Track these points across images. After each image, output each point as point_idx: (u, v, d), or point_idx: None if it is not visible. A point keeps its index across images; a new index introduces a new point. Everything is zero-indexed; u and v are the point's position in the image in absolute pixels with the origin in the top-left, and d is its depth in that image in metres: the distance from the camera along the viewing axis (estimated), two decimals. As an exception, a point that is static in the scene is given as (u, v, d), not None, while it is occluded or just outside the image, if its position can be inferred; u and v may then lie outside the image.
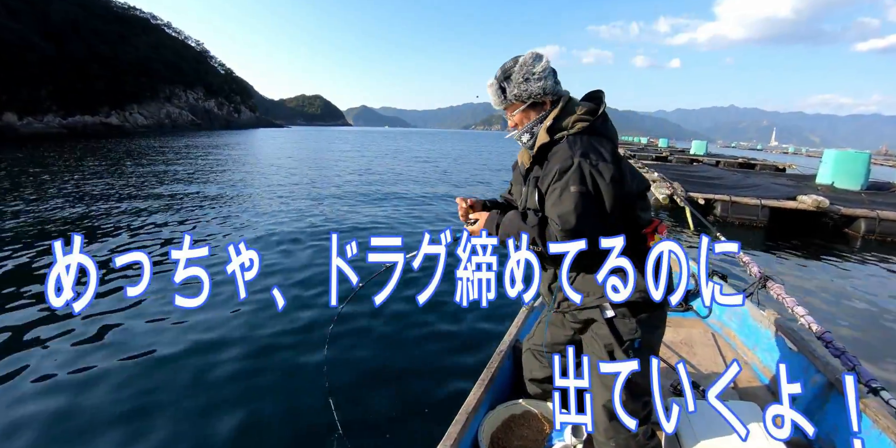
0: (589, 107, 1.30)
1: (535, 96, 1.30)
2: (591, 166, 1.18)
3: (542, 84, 1.28)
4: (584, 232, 1.16)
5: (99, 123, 54.00)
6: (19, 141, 28.65)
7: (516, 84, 1.30)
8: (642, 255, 1.27)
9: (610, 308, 1.30)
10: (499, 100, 1.36)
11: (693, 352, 2.39)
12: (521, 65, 1.29)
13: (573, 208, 1.16)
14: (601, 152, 1.21)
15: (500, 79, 1.33)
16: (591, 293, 1.31)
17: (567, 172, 1.19)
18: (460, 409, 1.54)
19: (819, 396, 1.76)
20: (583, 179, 1.17)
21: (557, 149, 1.26)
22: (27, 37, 47.15)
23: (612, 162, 1.21)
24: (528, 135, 1.37)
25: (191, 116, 79.00)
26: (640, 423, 1.33)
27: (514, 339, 1.98)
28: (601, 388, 1.33)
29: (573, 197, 1.16)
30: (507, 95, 1.33)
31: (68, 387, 2.53)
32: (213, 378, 2.67)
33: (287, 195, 9.49)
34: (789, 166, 21.30)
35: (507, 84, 1.32)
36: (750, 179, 11.82)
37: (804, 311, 2.07)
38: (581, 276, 1.33)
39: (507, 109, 1.38)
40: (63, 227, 6.20)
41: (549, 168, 1.25)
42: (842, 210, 7.83)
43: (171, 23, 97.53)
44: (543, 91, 1.29)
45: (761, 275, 2.63)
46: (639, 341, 1.32)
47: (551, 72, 1.31)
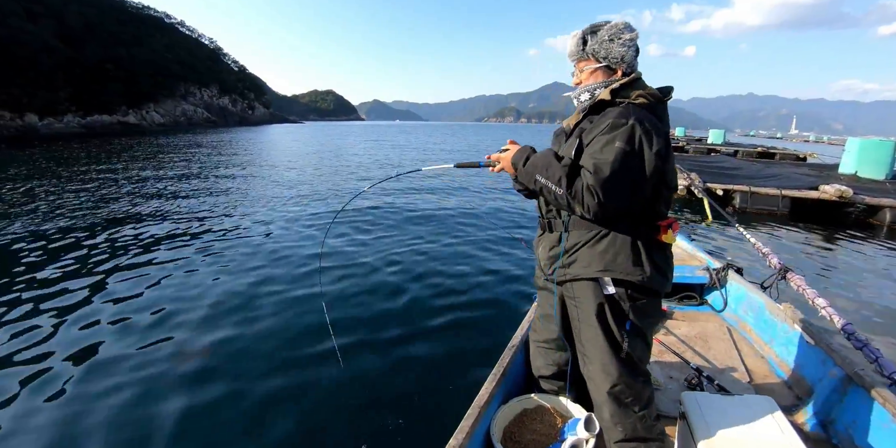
0: (655, 90, 1.29)
1: (611, 60, 1.30)
2: (642, 131, 1.17)
3: (623, 50, 1.28)
4: (613, 189, 1.14)
5: (116, 122, 55.24)
6: (43, 141, 29.45)
7: (600, 40, 1.29)
8: (653, 244, 1.29)
9: (611, 284, 1.28)
10: (576, 50, 1.35)
11: (708, 346, 2.36)
12: (611, 26, 1.29)
13: (612, 161, 1.14)
14: (656, 125, 1.21)
15: (586, 31, 1.33)
16: (592, 265, 1.29)
17: (618, 129, 1.17)
18: (472, 402, 1.56)
19: (837, 390, 1.73)
20: (630, 140, 1.16)
21: (614, 109, 1.25)
22: (46, 40, 48.32)
23: (662, 137, 1.20)
24: (587, 94, 1.35)
25: (206, 114, 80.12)
26: (645, 405, 1.35)
27: (525, 333, 1.99)
28: (602, 375, 1.34)
29: (616, 151, 1.15)
30: (586, 48, 1.32)
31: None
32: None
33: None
34: (810, 155, 20.67)
35: (592, 37, 1.31)
36: (770, 169, 11.54)
37: (825, 302, 2.04)
38: (588, 245, 1.31)
39: (579, 63, 1.37)
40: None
41: (601, 121, 1.23)
42: (866, 199, 7.60)
43: (184, 21, 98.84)
44: (621, 58, 1.29)
45: (781, 266, 2.59)
46: (629, 323, 1.30)
47: (636, 46, 1.30)
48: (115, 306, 3.61)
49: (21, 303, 3.65)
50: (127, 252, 5.08)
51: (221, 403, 2.43)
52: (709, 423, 1.30)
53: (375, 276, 4.38)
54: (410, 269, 4.62)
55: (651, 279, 1.26)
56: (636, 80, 1.30)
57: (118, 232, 5.99)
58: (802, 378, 1.97)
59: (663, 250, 1.33)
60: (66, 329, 3.23)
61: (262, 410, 2.38)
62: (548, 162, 1.24)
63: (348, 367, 2.77)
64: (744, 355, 2.27)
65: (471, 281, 4.29)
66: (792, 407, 1.84)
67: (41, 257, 4.87)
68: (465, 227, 6.51)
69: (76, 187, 9.64)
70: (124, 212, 7.30)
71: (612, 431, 1.36)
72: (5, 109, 39.56)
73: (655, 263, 1.28)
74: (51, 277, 4.24)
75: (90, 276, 4.31)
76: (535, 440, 1.61)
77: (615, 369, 1.31)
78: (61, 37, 52.35)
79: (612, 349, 1.31)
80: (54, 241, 5.51)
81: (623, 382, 1.31)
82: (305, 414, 2.37)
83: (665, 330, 2.51)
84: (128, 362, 2.81)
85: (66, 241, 5.50)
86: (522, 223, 6.99)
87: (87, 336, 3.14)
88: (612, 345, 1.31)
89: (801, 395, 1.92)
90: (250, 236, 5.83)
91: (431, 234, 6.01)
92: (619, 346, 1.31)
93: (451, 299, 3.84)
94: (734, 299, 2.67)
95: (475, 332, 3.29)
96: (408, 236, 5.90)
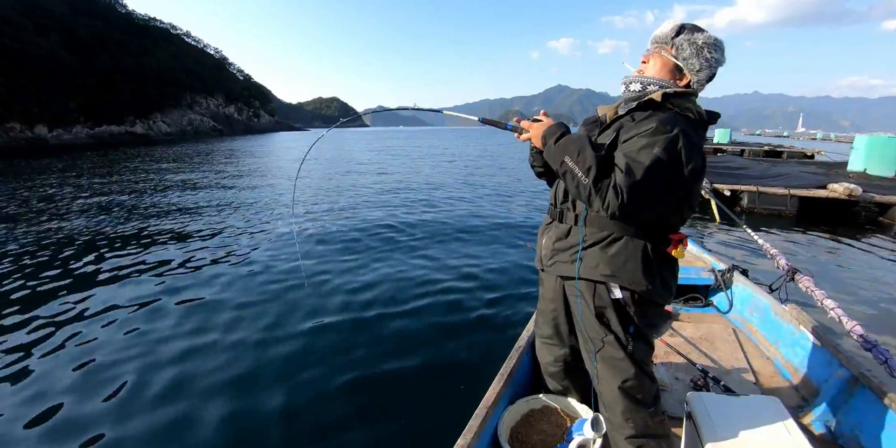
0: (704, 112, 1.24)
1: (688, 63, 1.24)
2: (684, 144, 1.12)
3: (705, 62, 1.23)
4: (639, 194, 1.09)
5: (125, 132, 56.06)
6: (53, 151, 29.95)
7: (692, 41, 1.23)
8: (660, 255, 1.28)
9: (618, 289, 1.25)
10: (667, 34, 1.27)
11: (714, 347, 2.36)
12: (709, 36, 1.23)
13: (647, 166, 1.08)
14: (698, 142, 1.17)
15: (688, 25, 1.26)
16: (599, 268, 1.26)
17: (661, 135, 1.12)
18: (480, 403, 1.58)
19: (844, 391, 1.73)
20: (671, 150, 1.10)
21: (662, 112, 1.20)
22: (56, 53, 49.24)
23: (701, 157, 1.17)
24: (640, 86, 1.29)
25: (212, 123, 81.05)
26: (653, 402, 1.36)
27: (532, 334, 2.01)
28: (609, 372, 1.34)
29: (653, 157, 1.09)
30: (676, 38, 1.25)
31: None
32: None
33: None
34: (818, 153, 20.50)
35: (686, 34, 1.25)
36: (777, 168, 11.44)
37: (834, 304, 2.02)
38: (598, 246, 1.27)
39: (656, 50, 1.31)
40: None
41: (645, 122, 1.17)
42: (876, 198, 7.51)
43: (190, 31, 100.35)
44: (696, 68, 1.24)
45: (789, 267, 2.58)
46: (633, 327, 1.30)
47: (716, 67, 1.26)
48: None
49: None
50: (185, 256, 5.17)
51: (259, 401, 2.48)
52: (716, 424, 1.31)
53: (377, 276, 4.43)
54: (413, 268, 4.66)
55: (654, 291, 1.26)
56: (693, 95, 1.26)
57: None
58: (808, 379, 1.97)
59: (671, 264, 1.32)
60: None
61: (270, 410, 2.42)
62: (582, 146, 1.17)
63: (355, 367, 2.81)
64: (749, 356, 2.27)
65: (478, 281, 4.32)
66: (798, 408, 1.84)
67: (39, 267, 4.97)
68: (470, 227, 6.55)
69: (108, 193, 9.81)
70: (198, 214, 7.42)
71: (622, 428, 1.35)
72: (15, 121, 40.27)
73: (662, 276, 1.28)
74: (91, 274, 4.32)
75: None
76: (543, 440, 1.63)
77: (624, 364, 1.31)
78: (70, 49, 53.33)
79: (619, 344, 1.31)
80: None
81: (632, 377, 1.31)
82: (311, 414, 2.40)
83: (671, 331, 2.51)
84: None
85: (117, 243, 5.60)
86: (527, 225, 7.01)
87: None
88: (617, 341, 1.31)
89: (806, 396, 1.92)
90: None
91: (436, 235, 6.05)
92: (625, 346, 1.31)
93: (458, 299, 3.87)
94: (739, 300, 2.68)
95: (482, 332, 3.30)
96: (410, 236, 5.95)
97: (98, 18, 64.24)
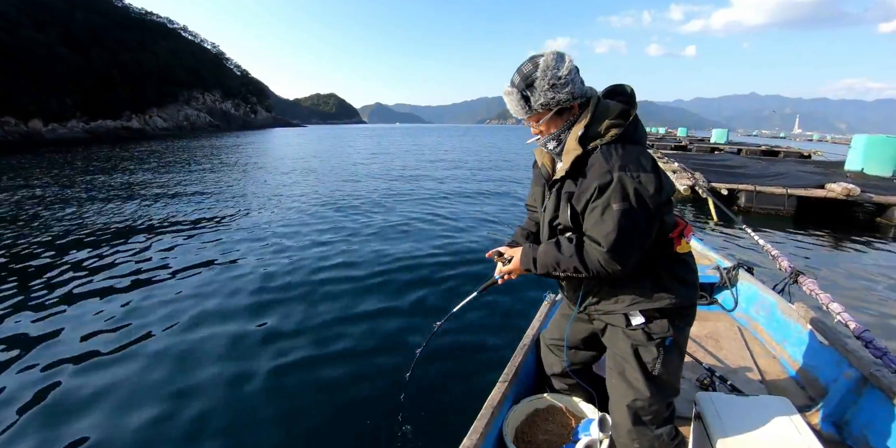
0: (619, 108, 1.20)
1: (562, 103, 1.18)
2: (632, 179, 1.10)
3: (569, 89, 1.15)
4: (629, 249, 1.13)
5: (120, 127, 55.69)
6: (50, 146, 29.67)
7: (542, 92, 1.16)
8: (670, 260, 1.27)
9: (639, 315, 1.26)
10: (522, 110, 1.22)
11: (719, 346, 2.34)
12: (543, 69, 1.14)
13: (616, 227, 1.10)
14: (640, 162, 1.13)
15: (521, 87, 1.19)
16: (620, 301, 1.28)
17: (607, 189, 1.11)
18: (485, 403, 1.55)
19: (852, 391, 1.71)
20: (625, 195, 1.10)
21: (593, 161, 1.16)
22: (53, 48, 48.83)
23: (652, 171, 1.13)
24: (554, 142, 1.27)
25: (209, 118, 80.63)
26: (664, 423, 1.32)
27: (536, 333, 1.98)
28: (624, 387, 1.31)
29: (616, 215, 1.10)
30: (531, 105, 1.20)
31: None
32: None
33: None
34: (815, 153, 20.68)
35: (531, 92, 1.18)
36: (775, 167, 11.47)
37: (840, 308, 1.99)
38: (608, 283, 1.29)
39: (531, 118, 1.25)
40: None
41: (587, 184, 1.16)
42: (874, 198, 7.53)
43: (186, 26, 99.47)
44: (572, 96, 1.17)
45: (792, 269, 2.56)
46: (670, 339, 1.27)
47: (576, 72, 1.17)
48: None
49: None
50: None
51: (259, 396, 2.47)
52: (725, 424, 1.29)
53: (377, 276, 4.40)
54: (415, 268, 4.64)
55: (679, 298, 1.24)
56: (597, 107, 1.20)
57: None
58: (816, 378, 1.95)
59: (683, 261, 1.30)
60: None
61: (278, 410, 2.40)
62: (556, 258, 1.23)
63: (359, 367, 2.79)
64: (755, 355, 2.25)
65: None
66: (805, 407, 1.82)
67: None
68: (472, 227, 6.53)
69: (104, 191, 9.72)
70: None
71: (627, 447, 1.34)
72: (10, 115, 39.88)
73: (680, 278, 1.26)
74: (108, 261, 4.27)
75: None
76: (548, 440, 1.61)
77: (640, 385, 1.29)
78: (68, 44, 52.86)
79: (641, 367, 1.29)
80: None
81: (645, 399, 1.28)
82: (316, 414, 2.38)
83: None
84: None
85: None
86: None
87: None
88: (640, 365, 1.29)
89: (814, 395, 1.90)
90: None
91: (438, 236, 6.02)
92: (653, 366, 1.28)
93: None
94: (745, 299, 2.65)
95: (486, 332, 3.28)
96: (413, 238, 5.92)
97: (95, 13, 63.56)
